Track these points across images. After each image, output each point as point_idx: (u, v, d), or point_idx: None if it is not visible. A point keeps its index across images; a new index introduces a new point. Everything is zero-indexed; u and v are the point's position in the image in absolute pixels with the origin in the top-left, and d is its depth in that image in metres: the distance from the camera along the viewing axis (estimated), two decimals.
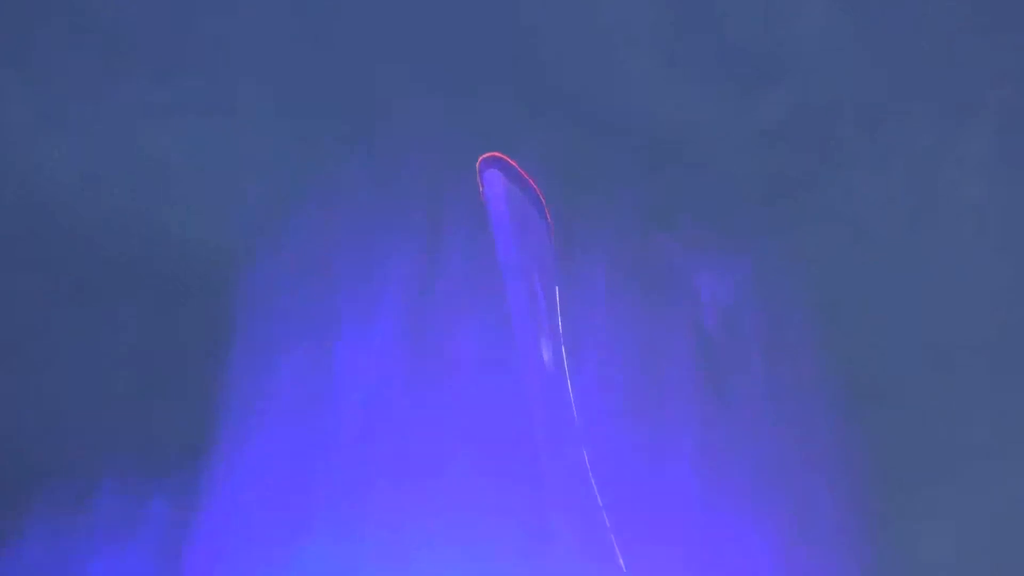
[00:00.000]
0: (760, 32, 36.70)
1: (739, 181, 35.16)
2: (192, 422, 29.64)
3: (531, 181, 30.72)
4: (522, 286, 29.40)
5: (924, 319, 32.58)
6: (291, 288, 32.24)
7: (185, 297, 33.41)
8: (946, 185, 35.08)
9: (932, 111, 35.62)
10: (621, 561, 30.50)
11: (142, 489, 30.02)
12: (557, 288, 30.56)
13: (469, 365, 31.53)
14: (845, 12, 36.88)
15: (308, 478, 31.43)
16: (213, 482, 31.12)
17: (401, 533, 30.62)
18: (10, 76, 35.74)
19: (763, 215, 34.15)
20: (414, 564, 29.90)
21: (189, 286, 33.36)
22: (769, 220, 33.93)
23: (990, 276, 33.11)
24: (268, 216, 32.17)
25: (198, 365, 30.60)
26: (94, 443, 30.22)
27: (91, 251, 33.78)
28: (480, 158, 30.33)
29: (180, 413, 31.39)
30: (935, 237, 34.19)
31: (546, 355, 29.29)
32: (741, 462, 30.99)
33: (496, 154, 30.31)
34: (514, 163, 30.76)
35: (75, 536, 29.30)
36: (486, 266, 30.53)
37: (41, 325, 33.05)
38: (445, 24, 37.40)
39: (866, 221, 34.81)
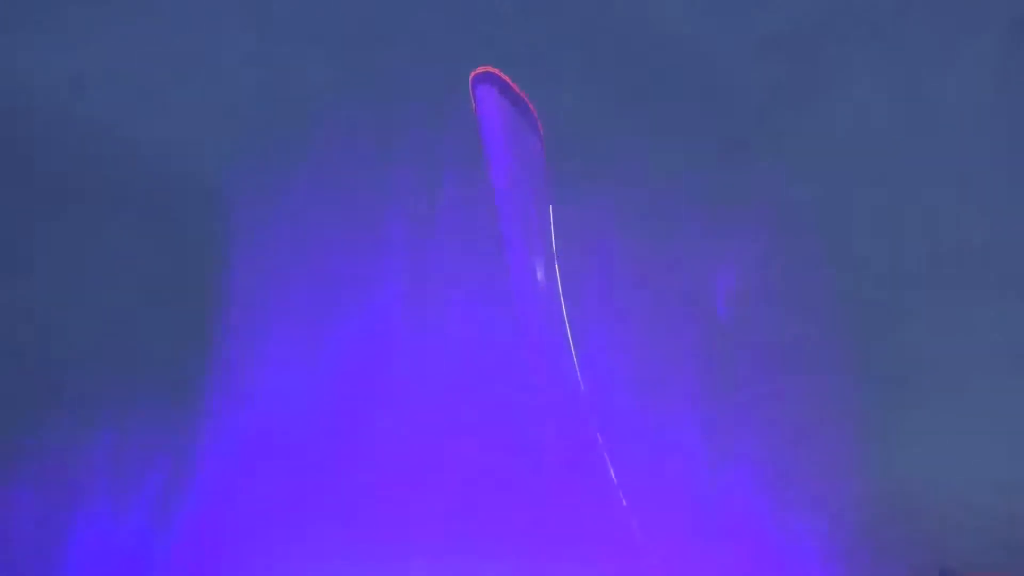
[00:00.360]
0: None
1: (738, 94, 34.49)
2: (185, 353, 29.35)
3: (524, 97, 30.04)
4: (515, 203, 28.90)
5: (928, 232, 32.16)
6: (288, 221, 31.77)
7: (175, 224, 32.99)
8: (948, 95, 34.36)
9: (935, 21, 34.67)
10: (613, 475, 30.40)
11: (135, 434, 29.66)
12: (551, 207, 30.04)
13: (468, 308, 31.15)
14: None
15: (306, 426, 31.18)
16: (209, 428, 30.93)
17: (403, 477, 30.48)
18: None
19: (764, 128, 33.52)
20: (416, 509, 29.83)
21: (179, 211, 32.94)
22: (769, 132, 33.31)
23: (994, 188, 32.54)
24: (263, 147, 31.69)
25: (193, 283, 30.25)
26: (78, 375, 29.93)
27: (78, 165, 33.30)
28: (472, 73, 29.66)
29: (173, 337, 31.09)
30: (936, 149, 33.55)
31: (539, 274, 28.91)
32: (745, 385, 30.77)
33: (488, 69, 29.58)
34: (506, 78, 30.03)
35: (65, 483, 28.90)
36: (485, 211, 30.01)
37: (26, 239, 32.66)
38: None
39: (868, 133, 34.15)
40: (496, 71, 29.64)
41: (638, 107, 32.55)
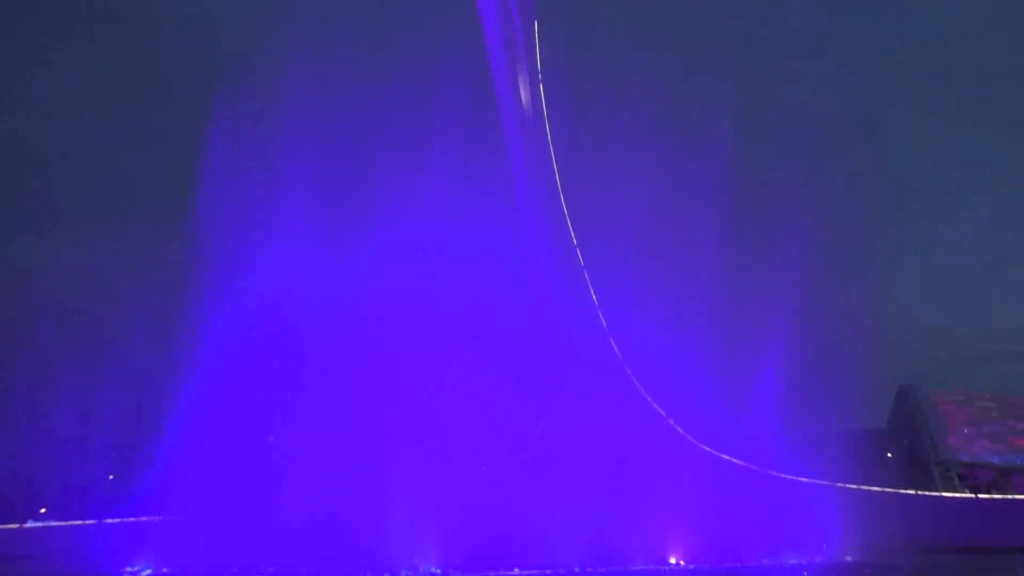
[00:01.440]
0: None
1: None
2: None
3: None
4: (499, 19, 27.89)
5: (918, 56, 31.33)
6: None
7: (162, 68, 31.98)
8: None
9: None
10: (593, 295, 30.47)
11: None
12: (536, 23, 29.03)
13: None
14: None
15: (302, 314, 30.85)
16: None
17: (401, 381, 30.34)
18: None
19: None
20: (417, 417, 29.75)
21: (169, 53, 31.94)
22: None
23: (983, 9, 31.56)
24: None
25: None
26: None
27: None
28: None
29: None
30: None
31: (524, 97, 28.14)
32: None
33: None
34: None
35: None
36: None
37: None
38: None
39: None
40: None
41: None
